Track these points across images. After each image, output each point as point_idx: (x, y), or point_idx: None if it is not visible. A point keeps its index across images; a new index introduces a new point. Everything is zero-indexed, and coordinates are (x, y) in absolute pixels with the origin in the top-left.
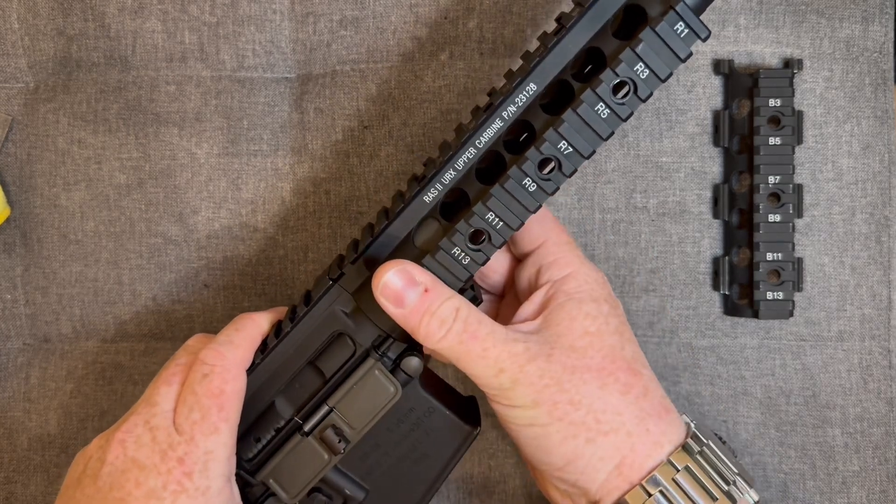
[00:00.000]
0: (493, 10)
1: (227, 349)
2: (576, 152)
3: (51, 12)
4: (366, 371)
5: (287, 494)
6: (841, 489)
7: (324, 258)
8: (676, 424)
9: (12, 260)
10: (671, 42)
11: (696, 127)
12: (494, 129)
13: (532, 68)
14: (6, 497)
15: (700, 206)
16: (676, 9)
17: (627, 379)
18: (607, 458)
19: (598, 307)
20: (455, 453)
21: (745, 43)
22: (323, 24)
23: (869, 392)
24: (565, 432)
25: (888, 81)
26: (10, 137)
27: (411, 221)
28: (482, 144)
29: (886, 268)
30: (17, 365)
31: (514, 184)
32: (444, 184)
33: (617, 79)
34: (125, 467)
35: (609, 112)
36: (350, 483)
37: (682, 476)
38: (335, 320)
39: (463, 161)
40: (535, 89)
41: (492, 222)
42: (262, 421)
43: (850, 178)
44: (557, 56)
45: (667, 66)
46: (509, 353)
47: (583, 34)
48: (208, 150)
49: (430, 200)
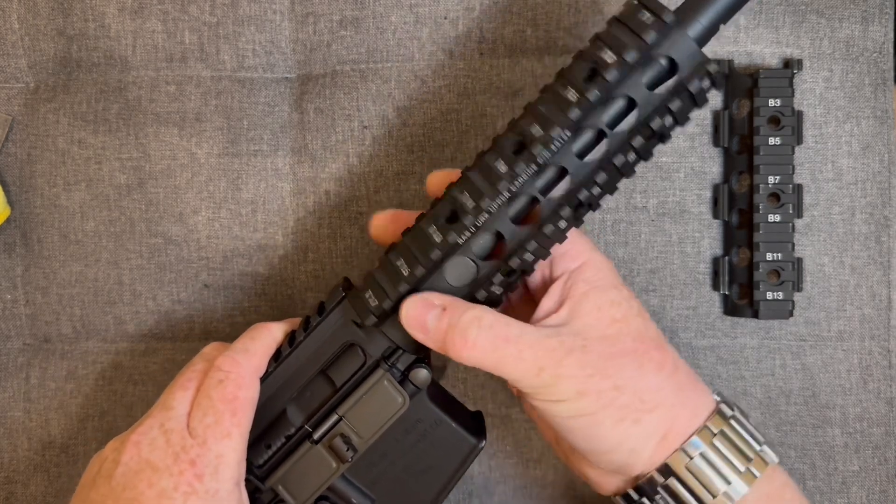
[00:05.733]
0: (493, 10)
1: (242, 357)
2: (602, 191)
3: (51, 12)
4: (375, 381)
5: (295, 501)
6: (841, 489)
7: (324, 258)
8: (706, 393)
9: (12, 260)
10: (698, 96)
11: (696, 127)
12: (528, 173)
13: (572, 122)
14: (6, 497)
15: (700, 206)
16: (708, 68)
17: (659, 357)
18: (654, 434)
19: (619, 293)
20: (460, 466)
21: (745, 43)
22: (323, 24)
23: (869, 392)
24: (614, 416)
25: (888, 81)
26: (11, 137)
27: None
28: (515, 189)
29: (886, 268)
30: (17, 365)
31: (552, 227)
32: (478, 226)
33: (650, 131)
34: (139, 468)
35: (635, 157)
36: (356, 492)
37: (718, 440)
38: (347, 331)
39: (496, 205)
40: (569, 136)
41: (525, 258)
42: (273, 428)
43: (850, 178)
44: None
45: (686, 118)
46: (546, 351)
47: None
48: (208, 150)
49: (461, 242)
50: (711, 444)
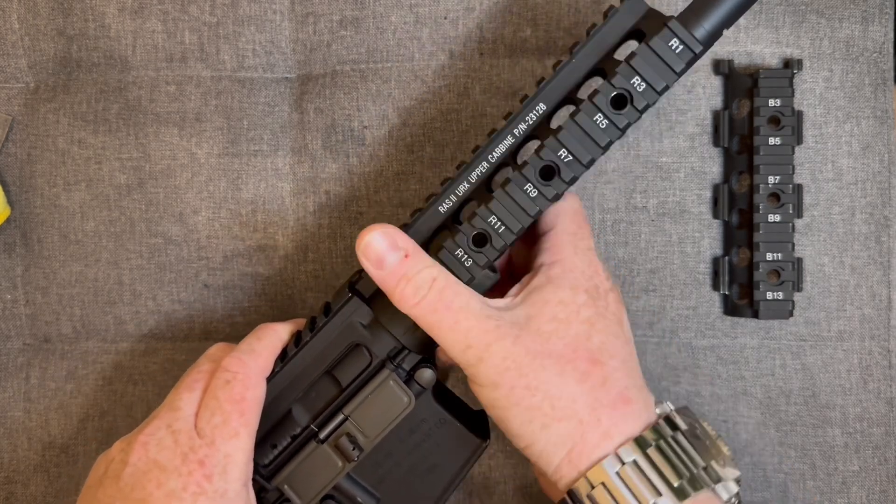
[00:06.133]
0: (493, 10)
1: (248, 357)
2: (575, 160)
3: (51, 12)
4: (381, 381)
5: (301, 500)
6: (841, 489)
7: (324, 258)
8: (634, 416)
9: (12, 260)
10: (666, 56)
11: (695, 127)
12: (506, 144)
13: (541, 90)
14: (6, 497)
15: (700, 206)
16: (669, 25)
17: (587, 368)
18: (560, 445)
19: (573, 295)
20: (465, 464)
21: (745, 43)
22: (323, 24)
23: (869, 392)
24: (522, 417)
25: (888, 81)
26: (11, 137)
27: (426, 231)
28: (494, 159)
29: (886, 268)
30: (17, 365)
31: (516, 188)
32: (458, 195)
33: (614, 91)
34: (147, 468)
35: (607, 122)
36: (362, 492)
37: (628, 469)
38: (353, 331)
39: (476, 174)
40: (545, 109)
41: (494, 225)
42: (279, 428)
43: (850, 179)
44: (564, 78)
45: (662, 80)
46: (479, 330)
47: (588, 58)
48: (208, 150)
49: (444, 211)
50: (617, 474)
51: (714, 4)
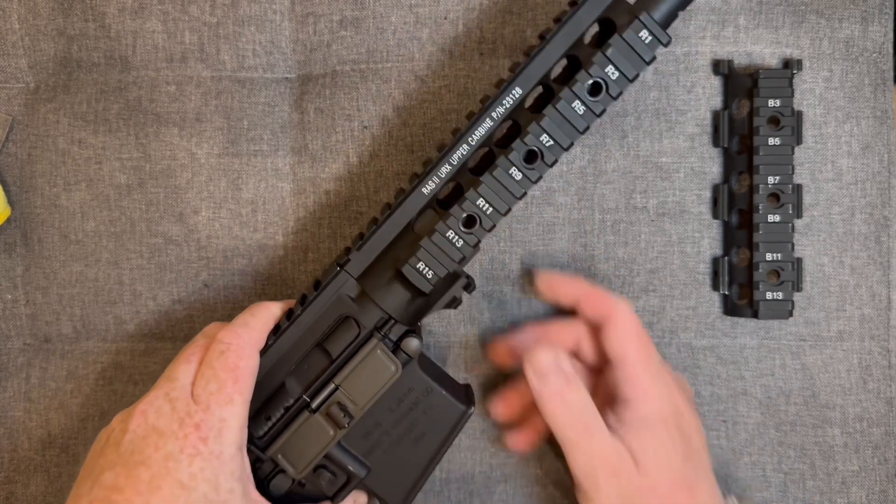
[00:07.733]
0: (493, 10)
1: (242, 330)
2: (556, 144)
3: (51, 12)
4: (369, 350)
5: (294, 469)
6: (841, 489)
7: (324, 258)
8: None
9: (13, 260)
10: (637, 47)
11: (695, 127)
12: (485, 127)
13: (517, 74)
14: (6, 497)
15: (700, 206)
16: (640, 18)
17: (685, 499)
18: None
19: (665, 430)
20: (451, 432)
21: (745, 43)
22: (323, 24)
23: (868, 392)
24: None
25: (887, 81)
26: (11, 137)
27: (411, 212)
28: (474, 141)
29: (886, 268)
30: (18, 365)
31: (502, 172)
32: (441, 177)
33: (591, 79)
34: (145, 434)
35: (585, 109)
36: (353, 461)
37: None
38: (342, 304)
39: (458, 157)
40: (521, 92)
41: (482, 208)
42: (273, 400)
43: (850, 179)
44: (539, 63)
45: (634, 68)
46: (603, 460)
47: (561, 44)
48: (208, 150)
49: (427, 192)
50: None
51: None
